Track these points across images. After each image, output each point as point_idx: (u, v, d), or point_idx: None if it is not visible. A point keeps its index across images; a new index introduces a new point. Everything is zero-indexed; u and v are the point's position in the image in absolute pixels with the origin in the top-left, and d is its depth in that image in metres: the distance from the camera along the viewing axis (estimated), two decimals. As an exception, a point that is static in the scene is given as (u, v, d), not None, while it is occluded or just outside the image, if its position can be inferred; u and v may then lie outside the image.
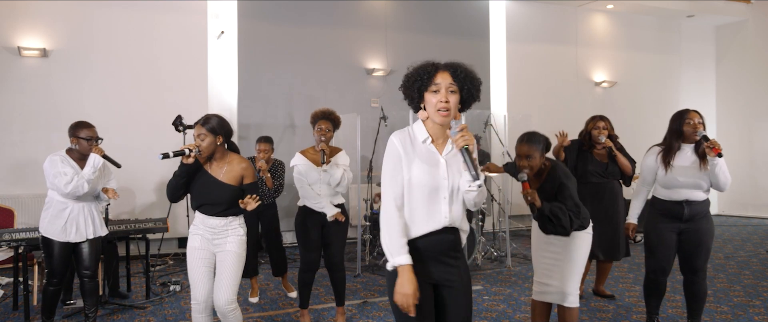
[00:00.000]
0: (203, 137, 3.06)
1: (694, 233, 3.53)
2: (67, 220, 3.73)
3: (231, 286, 3.08)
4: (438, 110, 2.08)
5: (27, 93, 6.41)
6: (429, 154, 2.13)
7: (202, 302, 3.09)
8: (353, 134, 5.88)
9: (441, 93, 2.08)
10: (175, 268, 6.24)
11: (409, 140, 2.15)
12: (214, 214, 3.09)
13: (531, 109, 8.68)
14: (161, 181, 6.77)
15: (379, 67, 8.19)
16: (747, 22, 10.49)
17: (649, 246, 3.68)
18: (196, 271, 3.10)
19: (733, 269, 5.93)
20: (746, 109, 10.46)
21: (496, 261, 6.37)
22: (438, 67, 2.12)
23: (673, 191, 3.54)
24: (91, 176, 3.70)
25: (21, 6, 6.39)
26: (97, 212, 3.89)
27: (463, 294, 2.16)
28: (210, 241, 3.12)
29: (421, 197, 2.10)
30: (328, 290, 5.08)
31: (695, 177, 3.47)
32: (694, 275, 3.59)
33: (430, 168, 2.11)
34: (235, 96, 7.44)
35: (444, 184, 2.11)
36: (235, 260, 3.10)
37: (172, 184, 3.10)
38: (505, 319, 4.30)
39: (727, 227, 9.25)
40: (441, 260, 2.14)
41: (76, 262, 3.87)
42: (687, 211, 3.51)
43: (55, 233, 3.72)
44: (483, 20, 9.01)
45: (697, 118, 3.52)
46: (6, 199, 5.98)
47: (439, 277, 2.15)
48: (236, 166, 3.15)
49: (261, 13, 7.54)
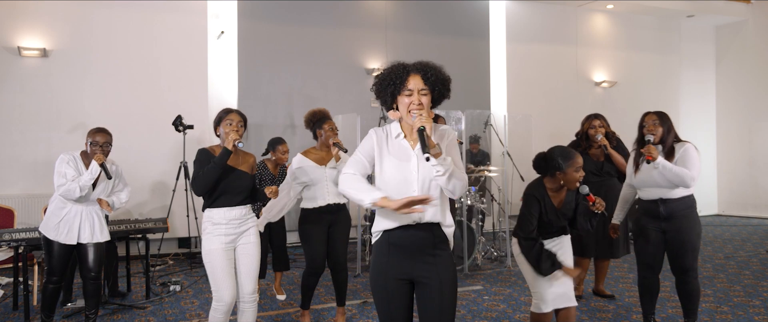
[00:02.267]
0: (240, 126, 3.16)
1: (675, 232, 3.55)
2: (61, 219, 3.74)
3: (255, 276, 3.25)
4: (410, 111, 2.15)
5: (27, 93, 6.41)
6: (401, 149, 2.20)
7: (229, 303, 3.11)
8: (353, 134, 5.89)
9: (414, 96, 2.15)
10: (175, 268, 6.24)
11: (385, 136, 2.25)
12: (236, 204, 3.17)
13: (531, 109, 8.67)
14: (161, 181, 6.78)
15: (379, 67, 8.19)
16: (747, 22, 10.49)
17: (636, 245, 3.76)
18: (222, 273, 3.10)
19: (733, 269, 5.93)
20: (746, 109, 10.46)
21: (496, 261, 6.37)
22: (409, 69, 2.17)
23: (647, 191, 3.62)
24: (88, 182, 3.68)
25: (21, 6, 6.39)
26: (98, 217, 3.86)
27: (438, 291, 2.16)
28: (232, 237, 3.16)
29: (391, 191, 2.14)
30: (328, 290, 5.08)
31: (659, 177, 3.51)
32: (684, 274, 3.60)
33: (401, 163, 2.18)
34: (235, 96, 7.44)
35: (414, 177, 2.15)
36: (257, 251, 3.26)
37: (207, 175, 3.07)
38: (505, 319, 4.30)
39: (727, 227, 9.24)
40: (417, 257, 2.17)
41: (80, 263, 3.87)
42: (663, 209, 3.55)
43: (49, 231, 3.75)
44: (483, 20, 9.01)
45: (652, 120, 3.60)
46: (6, 199, 5.98)
47: (415, 273, 2.18)
48: (248, 158, 3.33)
49: (261, 13, 7.55)
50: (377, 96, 2.27)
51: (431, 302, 2.16)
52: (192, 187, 3.19)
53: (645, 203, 3.66)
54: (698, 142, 4.06)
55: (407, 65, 2.19)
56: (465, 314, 4.41)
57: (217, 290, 3.11)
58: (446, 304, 2.17)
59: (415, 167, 2.16)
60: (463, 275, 5.66)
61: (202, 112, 6.99)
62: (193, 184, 3.15)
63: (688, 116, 10.51)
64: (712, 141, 10.92)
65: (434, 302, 2.16)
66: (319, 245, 3.89)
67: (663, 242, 3.61)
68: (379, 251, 2.23)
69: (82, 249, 3.81)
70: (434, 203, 2.14)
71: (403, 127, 2.25)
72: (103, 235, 3.87)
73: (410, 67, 2.18)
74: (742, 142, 10.47)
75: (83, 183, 3.66)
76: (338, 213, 3.93)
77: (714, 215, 10.75)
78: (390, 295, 2.19)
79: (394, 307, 2.19)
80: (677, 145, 3.57)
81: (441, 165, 2.05)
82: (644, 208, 3.67)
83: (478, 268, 5.96)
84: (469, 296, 4.92)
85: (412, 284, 2.22)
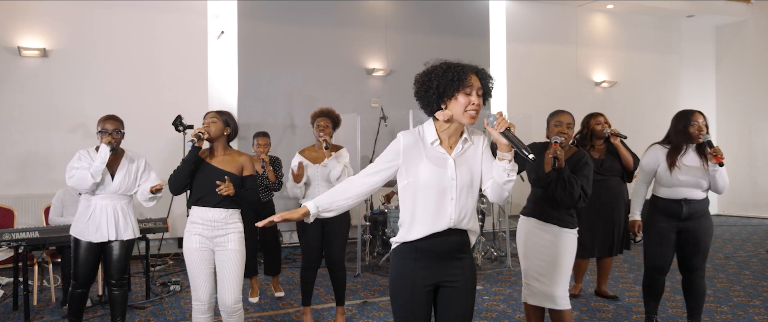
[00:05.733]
0: (215, 120, 3.12)
1: (692, 232, 3.54)
2: (89, 218, 3.58)
3: (237, 285, 3.12)
4: (466, 111, 2.07)
5: (27, 93, 6.41)
6: (437, 154, 2.12)
7: (206, 303, 3.09)
8: (353, 134, 5.89)
9: (473, 95, 2.07)
10: (175, 268, 6.24)
11: (421, 141, 2.15)
12: (214, 205, 3.08)
13: (531, 109, 8.66)
14: (161, 181, 6.76)
15: (379, 67, 8.19)
16: (747, 22, 10.48)
17: (648, 244, 3.70)
18: (197, 272, 3.09)
19: (733, 269, 5.93)
20: (746, 109, 10.45)
21: (496, 261, 6.37)
22: (467, 68, 2.10)
23: (674, 190, 3.55)
24: (99, 167, 3.50)
25: (21, 6, 6.39)
26: (123, 213, 3.67)
27: (464, 294, 2.16)
28: (210, 239, 3.11)
29: (427, 197, 2.09)
30: (328, 289, 5.08)
31: (697, 177, 3.50)
32: (692, 273, 3.59)
33: (438, 169, 2.10)
34: (235, 96, 7.44)
35: (452, 184, 2.10)
36: (238, 259, 3.12)
37: (178, 171, 3.09)
38: (505, 319, 4.30)
39: (727, 227, 9.24)
40: (444, 261, 2.14)
41: (105, 267, 3.72)
42: (686, 209, 3.52)
43: (79, 232, 3.60)
44: (483, 20, 9.01)
45: (702, 119, 3.55)
46: (6, 199, 5.98)
47: (441, 277, 2.15)
48: (237, 157, 3.22)
49: (261, 13, 7.54)
50: (423, 94, 2.12)
51: (457, 305, 2.15)
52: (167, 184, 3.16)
53: (666, 202, 3.57)
54: (698, 142, 4.04)
55: (463, 64, 2.11)
56: (465, 314, 4.41)
57: (194, 289, 3.11)
58: (470, 307, 2.18)
59: (453, 174, 2.10)
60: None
61: (202, 112, 6.83)
62: (168, 182, 3.13)
63: (688, 116, 10.50)
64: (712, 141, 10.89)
65: (460, 305, 2.16)
66: (313, 239, 3.96)
67: (676, 242, 3.59)
68: (404, 257, 2.15)
69: (108, 249, 3.64)
70: (468, 210, 2.13)
71: (439, 130, 2.14)
72: (128, 232, 3.66)
73: (467, 67, 2.11)
74: (742, 142, 10.46)
75: (95, 169, 3.48)
76: None
77: (714, 215, 10.72)
78: (415, 301, 2.13)
79: (417, 313, 2.14)
80: None
81: (514, 171, 2.06)
82: (664, 207, 3.59)
83: (478, 268, 5.96)
84: (469, 296, 4.92)
85: (435, 290, 2.19)
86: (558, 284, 3.11)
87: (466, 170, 2.12)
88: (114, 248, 3.64)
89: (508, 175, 2.06)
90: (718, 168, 3.43)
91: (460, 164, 2.12)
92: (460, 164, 2.12)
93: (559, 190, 3.07)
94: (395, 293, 2.18)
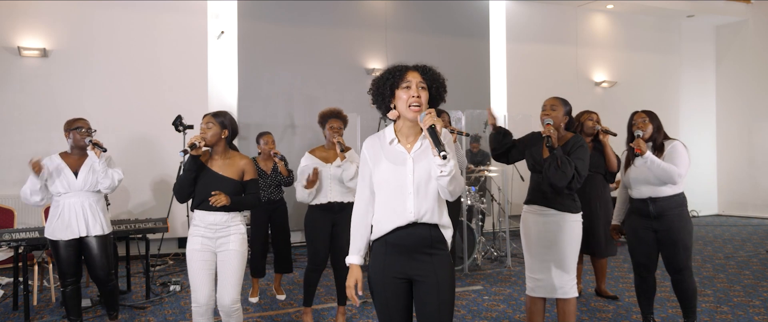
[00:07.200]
0: (210, 126, 3.10)
1: (666, 232, 3.56)
2: (58, 217, 3.72)
3: (236, 286, 3.12)
4: (409, 106, 2.17)
5: (27, 93, 6.41)
6: (396, 153, 2.23)
7: (204, 305, 3.09)
8: (353, 134, 5.89)
9: (412, 89, 2.18)
10: (175, 268, 6.24)
11: (379, 143, 2.28)
12: (215, 209, 3.08)
13: (531, 109, 8.61)
14: (161, 181, 6.78)
15: (379, 67, 8.19)
16: (747, 22, 10.49)
17: (629, 244, 3.80)
18: (197, 274, 3.09)
19: (733, 269, 5.93)
20: (746, 109, 10.46)
21: (496, 261, 6.37)
22: (407, 67, 2.24)
23: (636, 189, 3.65)
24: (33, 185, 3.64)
25: (21, 6, 6.39)
26: (92, 210, 3.76)
27: (436, 289, 2.19)
28: (212, 240, 3.11)
29: (387, 194, 2.21)
30: (328, 289, 5.09)
31: (644, 173, 3.55)
32: (678, 274, 3.61)
33: (396, 167, 2.21)
34: (235, 96, 7.44)
35: (408, 179, 2.18)
36: (238, 259, 3.12)
37: (180, 180, 3.10)
38: (505, 319, 4.30)
39: (727, 227, 9.24)
40: (413, 256, 2.20)
41: (88, 266, 3.82)
42: (652, 207, 3.57)
43: (51, 232, 3.74)
44: (483, 20, 9.01)
45: (642, 117, 3.64)
46: (6, 199, 5.98)
47: (412, 272, 2.21)
48: (238, 161, 3.20)
49: (261, 13, 7.55)
50: (374, 97, 2.29)
51: (429, 301, 2.19)
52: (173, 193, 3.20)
53: (635, 201, 3.68)
54: (698, 142, 4.08)
55: (405, 64, 2.26)
56: (465, 314, 4.41)
57: (193, 291, 3.11)
58: (444, 303, 2.19)
59: (411, 170, 2.19)
60: (463, 275, 5.66)
61: (202, 112, 6.81)
62: (173, 192, 3.16)
63: (688, 116, 10.52)
64: (712, 141, 10.91)
65: (432, 301, 2.18)
66: (321, 241, 3.96)
67: (655, 241, 3.63)
68: (377, 250, 2.27)
69: (86, 246, 3.76)
70: (429, 204, 2.19)
71: (398, 129, 2.26)
72: (97, 227, 3.76)
73: (408, 66, 2.25)
74: (742, 142, 10.47)
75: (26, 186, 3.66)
76: (342, 212, 3.93)
77: (714, 215, 10.75)
78: (388, 294, 2.22)
79: (392, 306, 2.23)
80: (666, 142, 3.63)
81: (446, 166, 2.09)
82: (634, 207, 3.70)
83: (478, 268, 5.96)
84: (469, 296, 4.92)
85: (411, 284, 2.24)
86: (563, 272, 3.12)
87: (424, 166, 2.18)
88: (90, 244, 3.76)
89: (441, 171, 2.11)
90: (647, 158, 3.46)
91: (418, 160, 2.19)
92: (418, 160, 2.19)
93: (552, 170, 3.09)
94: (371, 288, 2.30)
